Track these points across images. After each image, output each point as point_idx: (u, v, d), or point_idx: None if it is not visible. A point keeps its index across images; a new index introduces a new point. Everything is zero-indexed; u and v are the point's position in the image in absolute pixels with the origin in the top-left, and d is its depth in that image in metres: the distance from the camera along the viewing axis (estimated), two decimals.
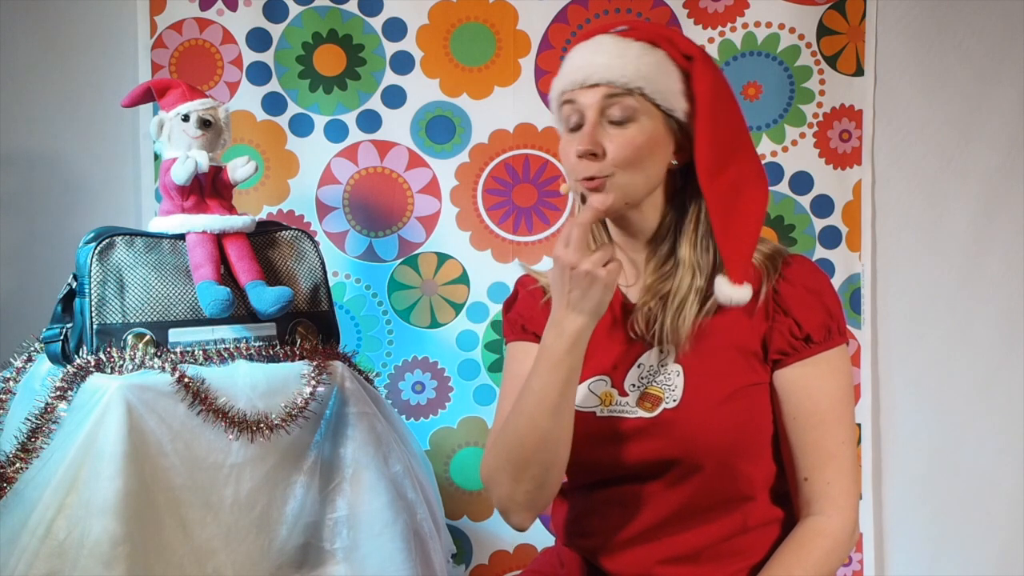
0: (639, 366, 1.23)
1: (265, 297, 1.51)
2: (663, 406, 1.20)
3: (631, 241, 1.26)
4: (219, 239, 1.54)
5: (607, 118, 1.18)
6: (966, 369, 2.03)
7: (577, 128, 1.20)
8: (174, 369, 1.40)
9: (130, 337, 1.44)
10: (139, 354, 1.42)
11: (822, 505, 1.19)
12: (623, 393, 1.23)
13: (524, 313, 1.35)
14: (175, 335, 1.47)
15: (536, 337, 1.27)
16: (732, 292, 1.17)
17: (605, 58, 1.18)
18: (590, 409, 1.24)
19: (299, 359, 1.53)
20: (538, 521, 1.99)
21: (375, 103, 2.04)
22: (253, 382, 1.45)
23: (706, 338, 1.21)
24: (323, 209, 2.04)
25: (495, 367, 2.04)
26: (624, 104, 1.17)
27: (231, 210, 1.59)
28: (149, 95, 1.61)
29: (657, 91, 1.18)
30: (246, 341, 1.52)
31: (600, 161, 1.17)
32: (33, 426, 1.37)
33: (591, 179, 1.18)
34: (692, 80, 1.19)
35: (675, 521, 1.21)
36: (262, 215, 2.00)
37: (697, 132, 1.19)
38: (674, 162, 1.22)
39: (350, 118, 2.03)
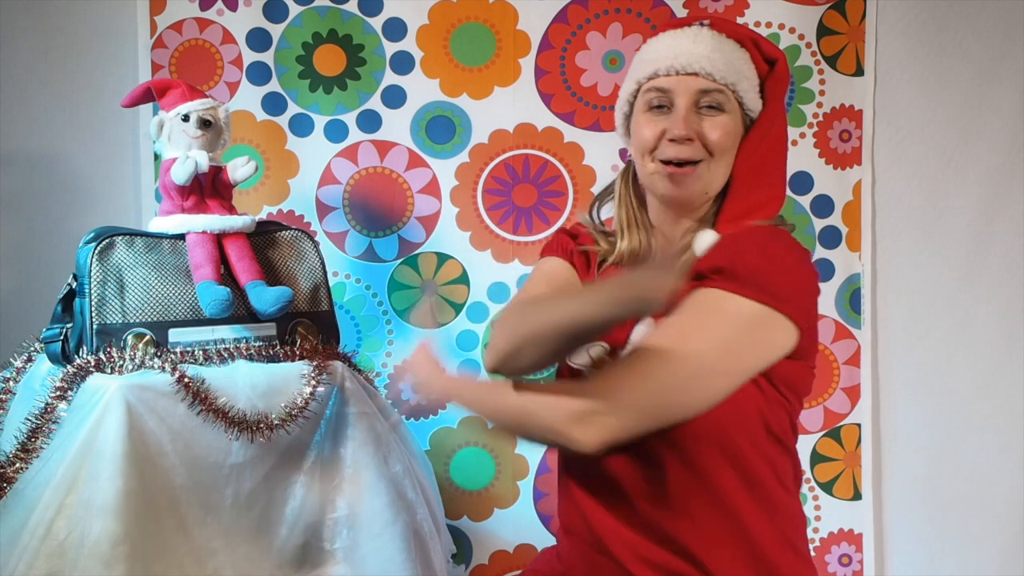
0: (632, 338, 1.25)
1: (265, 297, 1.51)
2: None
3: (678, 220, 1.29)
4: (219, 239, 1.54)
5: (699, 106, 1.23)
6: (966, 369, 2.03)
7: (659, 108, 1.24)
8: (174, 369, 1.40)
9: (130, 337, 1.44)
10: (139, 354, 1.42)
11: (594, 388, 1.13)
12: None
13: (564, 245, 1.38)
14: (175, 335, 1.47)
15: (571, 257, 1.35)
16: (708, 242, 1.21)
17: (705, 50, 1.23)
18: (582, 367, 1.27)
19: (299, 359, 1.53)
20: (538, 521, 2.01)
21: (375, 103, 2.03)
22: (253, 382, 1.45)
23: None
24: (323, 209, 2.04)
25: None
26: (717, 97, 1.23)
27: (231, 210, 1.59)
28: (149, 95, 1.60)
29: (744, 90, 1.24)
30: (246, 341, 1.52)
31: (692, 146, 1.22)
32: (33, 426, 1.37)
33: (679, 164, 1.22)
34: (768, 82, 1.26)
35: (666, 501, 1.20)
36: (262, 215, 2.00)
37: (756, 128, 1.25)
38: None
39: (350, 118, 2.03)
